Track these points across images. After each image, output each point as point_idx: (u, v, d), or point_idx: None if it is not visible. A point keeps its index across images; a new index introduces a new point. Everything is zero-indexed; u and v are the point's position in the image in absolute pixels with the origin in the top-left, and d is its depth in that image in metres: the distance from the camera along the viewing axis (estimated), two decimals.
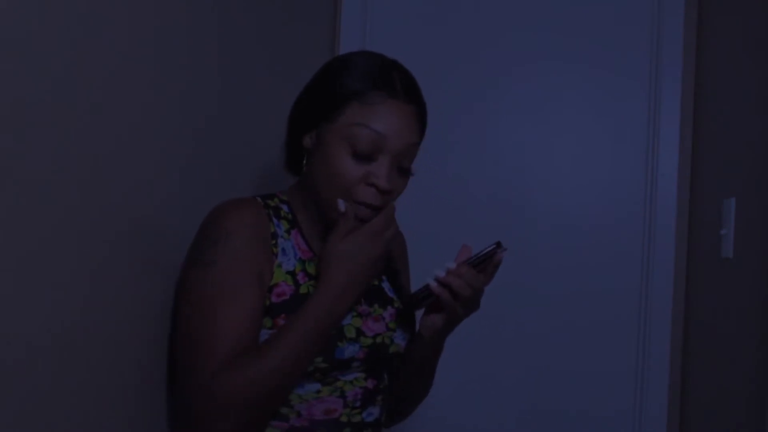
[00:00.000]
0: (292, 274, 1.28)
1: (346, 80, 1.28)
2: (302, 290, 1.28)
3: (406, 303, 1.35)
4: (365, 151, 1.25)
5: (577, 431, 2.12)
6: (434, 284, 1.29)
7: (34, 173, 0.91)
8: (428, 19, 2.19)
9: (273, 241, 1.28)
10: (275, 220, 1.30)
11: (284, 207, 1.34)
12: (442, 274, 1.28)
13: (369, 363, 1.32)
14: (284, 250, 1.29)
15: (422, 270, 2.11)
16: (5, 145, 0.85)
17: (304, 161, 1.33)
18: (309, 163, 1.31)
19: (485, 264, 1.29)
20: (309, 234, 1.34)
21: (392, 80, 1.29)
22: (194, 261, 1.24)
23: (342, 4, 2.16)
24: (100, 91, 1.04)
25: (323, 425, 1.28)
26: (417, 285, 2.12)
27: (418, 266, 2.13)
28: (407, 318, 1.42)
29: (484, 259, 1.28)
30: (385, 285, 1.43)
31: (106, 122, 1.06)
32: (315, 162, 1.29)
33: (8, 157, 0.86)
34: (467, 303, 1.30)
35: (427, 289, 1.30)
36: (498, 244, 1.28)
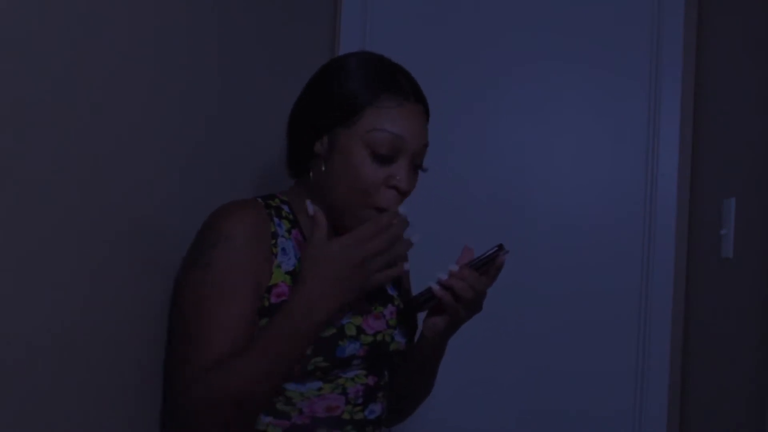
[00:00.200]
0: (292, 274, 1.29)
1: (356, 85, 1.29)
2: None
3: (408, 305, 1.35)
4: (385, 155, 1.27)
5: (577, 431, 2.12)
6: (436, 287, 1.29)
7: (34, 173, 0.91)
8: (428, 19, 2.19)
9: (273, 241, 1.29)
10: (276, 220, 1.31)
11: (285, 207, 1.35)
12: (445, 277, 1.29)
13: (370, 360, 1.33)
14: (284, 250, 1.30)
15: (423, 269, 2.13)
16: (5, 145, 0.85)
17: (310, 165, 1.34)
18: (321, 168, 1.31)
19: (487, 266, 1.30)
20: (309, 234, 1.34)
21: (401, 82, 1.31)
22: (192, 262, 1.25)
23: (342, 4, 2.16)
24: (100, 91, 1.04)
25: (325, 423, 1.29)
26: (417, 284, 2.12)
27: (419, 266, 2.14)
28: (408, 316, 1.43)
29: (487, 262, 1.29)
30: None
31: (106, 122, 1.06)
32: (332, 167, 1.29)
33: (8, 157, 0.86)
34: (469, 305, 1.31)
35: (429, 292, 1.31)
36: (500, 247, 1.29)
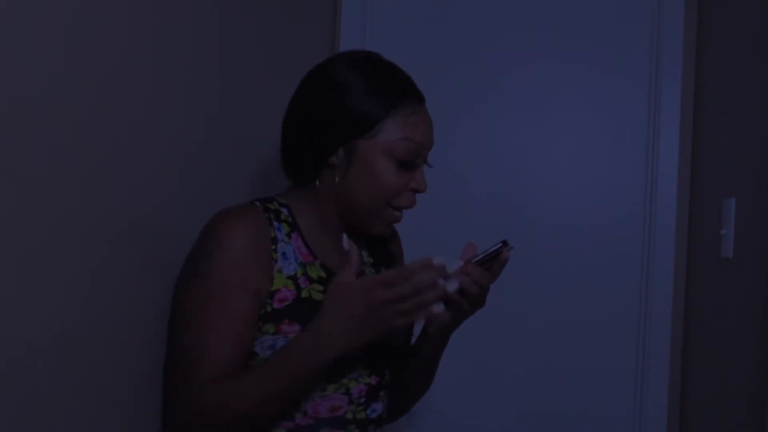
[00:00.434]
0: (293, 279, 1.28)
1: (368, 99, 1.29)
2: (303, 294, 1.28)
3: None
4: (408, 161, 1.31)
5: (577, 431, 2.12)
6: (441, 281, 1.30)
7: (34, 173, 0.91)
8: (428, 19, 2.19)
9: (273, 246, 1.28)
10: (276, 224, 1.30)
11: (284, 210, 1.34)
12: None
13: (372, 360, 1.34)
14: (285, 255, 1.29)
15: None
16: (5, 145, 0.85)
17: (319, 174, 1.33)
18: (336, 178, 1.31)
19: (492, 262, 1.31)
20: (309, 237, 1.34)
21: (405, 86, 1.32)
22: (191, 271, 1.25)
23: (342, 4, 2.16)
24: (100, 91, 1.04)
25: (328, 423, 1.29)
26: None
27: None
28: None
29: (491, 258, 1.31)
30: None
31: (106, 122, 1.06)
32: (351, 177, 1.30)
33: (8, 157, 0.86)
34: (474, 300, 1.33)
35: None
36: (504, 243, 1.31)
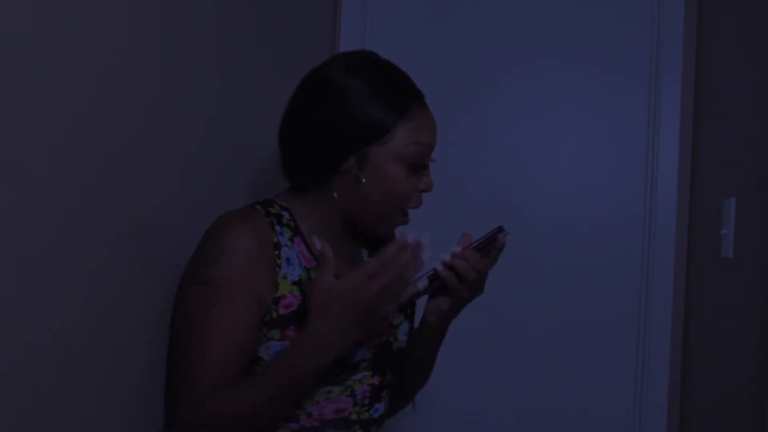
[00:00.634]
0: (298, 284, 1.28)
1: (379, 106, 1.28)
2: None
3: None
4: (419, 164, 1.32)
5: (577, 431, 2.12)
6: (441, 267, 1.33)
7: (34, 173, 0.91)
8: (428, 19, 2.18)
9: (276, 252, 1.27)
10: (278, 228, 1.29)
11: (285, 214, 1.32)
12: (448, 258, 1.33)
13: (376, 361, 1.35)
14: (288, 260, 1.28)
15: (422, 268, 2.12)
16: (5, 145, 0.85)
17: (327, 180, 1.31)
18: (346, 186, 1.30)
19: (489, 248, 1.33)
20: (311, 241, 1.33)
21: (409, 87, 1.33)
22: (193, 278, 1.25)
23: (342, 4, 2.16)
24: (100, 91, 1.04)
25: (333, 424, 1.29)
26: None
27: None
28: (408, 313, 1.44)
29: (488, 244, 1.33)
30: None
31: (106, 122, 1.06)
32: (364, 183, 1.29)
33: (8, 157, 0.86)
34: (472, 286, 1.34)
35: (434, 273, 1.34)
36: (500, 228, 1.34)
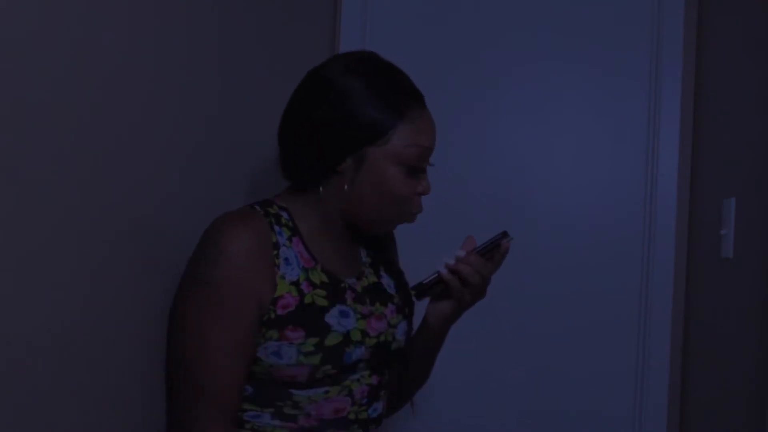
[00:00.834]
0: (296, 284, 1.28)
1: (378, 106, 1.29)
2: (307, 300, 1.28)
3: (415, 291, 1.37)
4: (417, 167, 1.32)
5: (577, 431, 2.12)
6: (444, 271, 1.34)
7: (34, 173, 0.91)
8: (428, 19, 2.18)
9: (275, 252, 1.27)
10: (277, 228, 1.29)
11: (284, 214, 1.33)
12: (452, 262, 1.33)
13: (374, 361, 1.35)
14: (287, 260, 1.28)
15: (422, 269, 2.11)
16: (5, 145, 0.85)
17: (325, 180, 1.32)
18: (344, 186, 1.30)
19: (492, 253, 1.34)
20: (310, 241, 1.33)
21: (409, 88, 1.33)
22: (191, 279, 1.25)
23: (342, 4, 2.16)
24: (100, 91, 1.04)
25: (332, 425, 1.29)
26: (414, 282, 2.12)
27: (418, 266, 2.13)
28: (407, 312, 1.44)
29: (492, 248, 1.34)
30: (385, 280, 1.43)
31: (106, 122, 1.06)
32: (360, 183, 1.29)
33: (8, 157, 0.86)
34: (475, 290, 1.35)
35: (437, 276, 1.35)
36: (504, 234, 1.34)
